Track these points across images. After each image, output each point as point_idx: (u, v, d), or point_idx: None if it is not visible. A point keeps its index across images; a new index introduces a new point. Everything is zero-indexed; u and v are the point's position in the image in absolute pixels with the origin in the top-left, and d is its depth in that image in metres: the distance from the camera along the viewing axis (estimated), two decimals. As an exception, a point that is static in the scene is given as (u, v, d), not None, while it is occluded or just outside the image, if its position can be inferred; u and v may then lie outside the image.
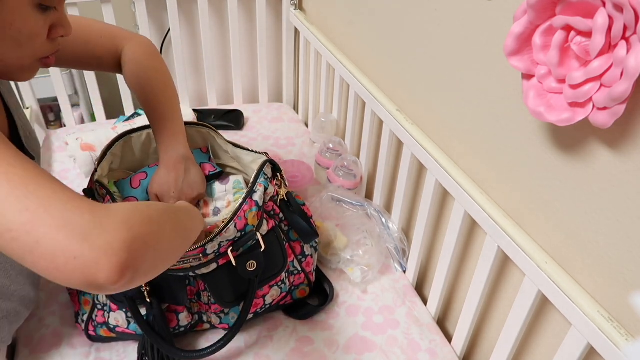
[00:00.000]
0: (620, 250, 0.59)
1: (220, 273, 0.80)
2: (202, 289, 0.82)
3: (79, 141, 1.22)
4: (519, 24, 0.59)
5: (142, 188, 0.86)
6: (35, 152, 0.78)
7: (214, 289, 0.81)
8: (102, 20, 1.34)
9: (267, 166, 0.85)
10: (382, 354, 0.88)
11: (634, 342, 0.56)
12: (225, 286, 0.81)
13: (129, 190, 0.86)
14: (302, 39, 1.47)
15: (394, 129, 1.00)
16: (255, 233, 0.79)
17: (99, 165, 0.84)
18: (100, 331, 0.84)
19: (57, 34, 0.59)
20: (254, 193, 0.80)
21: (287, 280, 0.89)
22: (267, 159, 0.86)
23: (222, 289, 0.81)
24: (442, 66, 0.88)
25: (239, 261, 0.78)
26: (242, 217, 0.78)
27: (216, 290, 0.81)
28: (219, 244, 0.77)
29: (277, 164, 0.88)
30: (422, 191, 0.94)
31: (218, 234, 0.75)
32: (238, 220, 0.77)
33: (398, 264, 1.05)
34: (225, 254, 0.78)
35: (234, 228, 0.77)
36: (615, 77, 0.50)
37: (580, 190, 0.63)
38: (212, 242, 0.75)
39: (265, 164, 0.85)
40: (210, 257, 0.78)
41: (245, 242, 0.79)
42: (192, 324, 0.86)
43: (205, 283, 0.81)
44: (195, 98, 1.65)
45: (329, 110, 1.40)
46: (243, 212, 0.78)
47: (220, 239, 0.76)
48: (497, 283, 0.83)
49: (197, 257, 0.76)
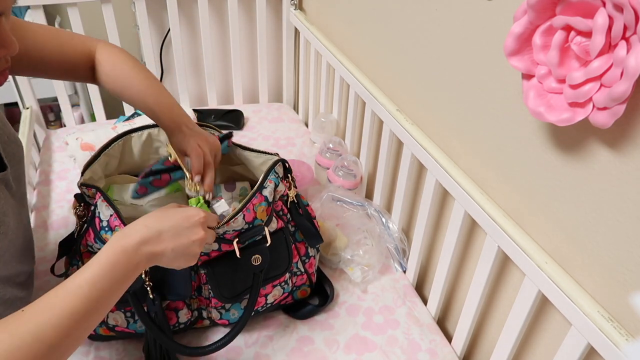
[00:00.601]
0: (620, 250, 0.59)
1: (222, 265, 0.80)
2: (203, 282, 0.83)
3: (79, 141, 1.23)
4: (519, 24, 0.59)
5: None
6: (15, 155, 0.77)
7: (214, 283, 0.81)
8: (103, 20, 1.35)
9: (279, 165, 0.86)
10: (382, 354, 0.88)
11: (634, 342, 0.56)
12: (225, 280, 0.81)
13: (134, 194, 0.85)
14: (302, 39, 1.47)
15: (394, 129, 1.00)
16: (263, 227, 0.80)
17: (89, 168, 0.82)
18: (100, 330, 0.84)
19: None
20: (264, 188, 0.81)
21: (289, 281, 0.89)
22: (279, 158, 0.87)
23: (223, 283, 0.81)
24: (442, 66, 0.88)
25: (244, 254, 0.79)
26: (250, 209, 0.78)
27: (216, 285, 0.81)
28: (224, 231, 0.77)
29: (289, 166, 0.88)
30: (422, 191, 0.94)
31: (225, 222, 0.75)
32: (247, 212, 0.77)
33: (398, 264, 1.05)
34: (230, 241, 0.78)
35: (242, 219, 0.77)
36: (615, 77, 0.50)
37: (580, 190, 0.63)
38: (218, 229, 0.76)
39: (277, 162, 0.85)
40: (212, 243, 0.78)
41: (252, 235, 0.79)
42: (192, 320, 0.85)
43: (206, 275, 0.81)
44: (195, 98, 1.65)
45: (329, 110, 1.40)
46: (252, 205, 0.78)
47: (226, 227, 0.76)
48: (497, 283, 0.83)
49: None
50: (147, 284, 0.76)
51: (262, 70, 1.58)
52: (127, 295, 0.77)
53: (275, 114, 1.57)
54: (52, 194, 1.21)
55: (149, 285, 0.76)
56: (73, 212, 0.83)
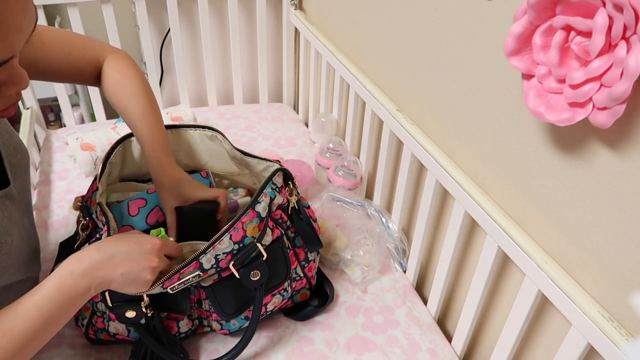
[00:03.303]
0: (620, 250, 0.59)
1: (221, 285, 0.79)
2: (203, 297, 0.81)
3: (79, 141, 1.23)
4: (519, 24, 0.59)
5: (141, 217, 0.85)
6: (21, 166, 0.77)
7: (215, 302, 0.79)
8: (103, 20, 1.35)
9: (278, 175, 0.83)
10: (382, 354, 0.88)
11: (634, 342, 0.56)
12: (226, 299, 0.80)
13: (127, 217, 0.85)
14: (302, 39, 1.47)
15: (394, 129, 1.00)
16: (255, 245, 0.77)
17: (99, 181, 0.82)
18: (101, 335, 0.83)
19: (9, 92, 0.53)
20: (258, 204, 0.78)
21: (289, 288, 0.88)
22: (279, 167, 0.85)
23: (223, 301, 0.80)
24: (442, 66, 0.88)
25: (242, 272, 0.77)
26: (239, 228, 0.75)
27: (217, 303, 0.79)
28: (215, 257, 0.75)
29: (290, 173, 0.86)
30: (422, 191, 0.94)
31: (211, 245, 0.73)
32: (234, 232, 0.75)
33: (398, 264, 1.05)
34: (227, 269, 0.76)
35: (229, 240, 0.75)
36: (615, 77, 0.50)
37: (580, 190, 0.63)
38: (207, 255, 0.74)
39: (276, 173, 0.82)
40: (211, 273, 0.76)
41: (246, 254, 0.76)
42: (193, 329, 0.85)
43: (206, 294, 0.79)
44: (195, 98, 1.65)
45: (329, 110, 1.40)
46: (241, 224, 0.76)
47: (214, 251, 0.74)
48: (497, 283, 0.83)
49: (196, 275, 0.73)
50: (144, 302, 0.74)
51: (262, 70, 1.58)
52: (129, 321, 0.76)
53: (275, 114, 1.57)
54: (52, 194, 1.21)
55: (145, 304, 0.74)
56: (76, 219, 0.83)
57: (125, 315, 0.75)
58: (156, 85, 1.54)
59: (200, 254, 0.73)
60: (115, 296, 0.73)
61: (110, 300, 0.73)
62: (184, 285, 0.74)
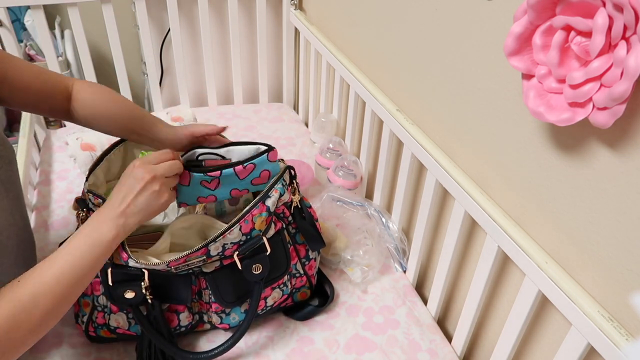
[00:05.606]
0: (620, 250, 0.59)
1: (223, 273, 0.80)
2: (203, 287, 0.83)
3: (79, 141, 1.23)
4: (519, 24, 0.59)
5: None
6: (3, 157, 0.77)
7: (215, 289, 0.81)
8: (103, 20, 1.35)
9: (288, 172, 0.85)
10: (382, 354, 0.88)
11: (634, 342, 0.56)
12: (226, 287, 0.81)
13: None
14: (302, 39, 1.47)
15: (394, 129, 1.00)
16: (261, 237, 0.79)
17: (92, 173, 0.83)
18: (101, 332, 0.84)
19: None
20: (268, 198, 0.79)
21: (289, 283, 0.89)
22: (287, 165, 0.86)
23: (223, 289, 0.81)
24: (442, 66, 0.88)
25: (245, 264, 0.78)
26: (249, 220, 0.77)
27: (217, 290, 0.81)
28: (223, 246, 0.77)
29: (295, 172, 0.88)
30: (422, 191, 0.94)
31: (222, 235, 0.75)
32: (244, 224, 0.77)
33: (398, 264, 1.05)
34: (230, 257, 0.78)
35: (239, 231, 0.77)
36: (615, 77, 0.50)
37: (580, 190, 0.63)
38: (216, 243, 0.75)
39: (286, 170, 0.84)
40: (215, 259, 0.78)
41: (251, 246, 0.79)
42: (193, 324, 0.85)
43: (206, 282, 0.81)
44: (195, 98, 1.65)
45: (329, 110, 1.40)
46: (251, 216, 0.77)
47: (223, 240, 0.76)
48: (497, 283, 0.83)
49: (201, 259, 0.76)
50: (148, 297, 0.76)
51: (262, 70, 1.58)
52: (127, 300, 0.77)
53: (275, 114, 1.57)
54: (52, 194, 1.21)
55: (148, 291, 0.76)
56: (75, 215, 0.83)
57: (125, 295, 0.76)
58: (156, 85, 1.54)
59: (209, 242, 0.75)
60: (116, 275, 0.75)
61: (112, 280, 0.75)
62: (187, 267, 0.76)
